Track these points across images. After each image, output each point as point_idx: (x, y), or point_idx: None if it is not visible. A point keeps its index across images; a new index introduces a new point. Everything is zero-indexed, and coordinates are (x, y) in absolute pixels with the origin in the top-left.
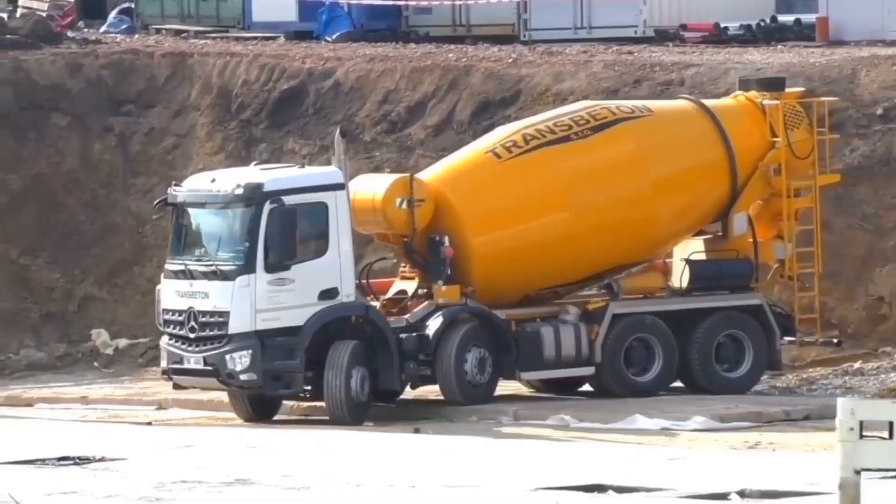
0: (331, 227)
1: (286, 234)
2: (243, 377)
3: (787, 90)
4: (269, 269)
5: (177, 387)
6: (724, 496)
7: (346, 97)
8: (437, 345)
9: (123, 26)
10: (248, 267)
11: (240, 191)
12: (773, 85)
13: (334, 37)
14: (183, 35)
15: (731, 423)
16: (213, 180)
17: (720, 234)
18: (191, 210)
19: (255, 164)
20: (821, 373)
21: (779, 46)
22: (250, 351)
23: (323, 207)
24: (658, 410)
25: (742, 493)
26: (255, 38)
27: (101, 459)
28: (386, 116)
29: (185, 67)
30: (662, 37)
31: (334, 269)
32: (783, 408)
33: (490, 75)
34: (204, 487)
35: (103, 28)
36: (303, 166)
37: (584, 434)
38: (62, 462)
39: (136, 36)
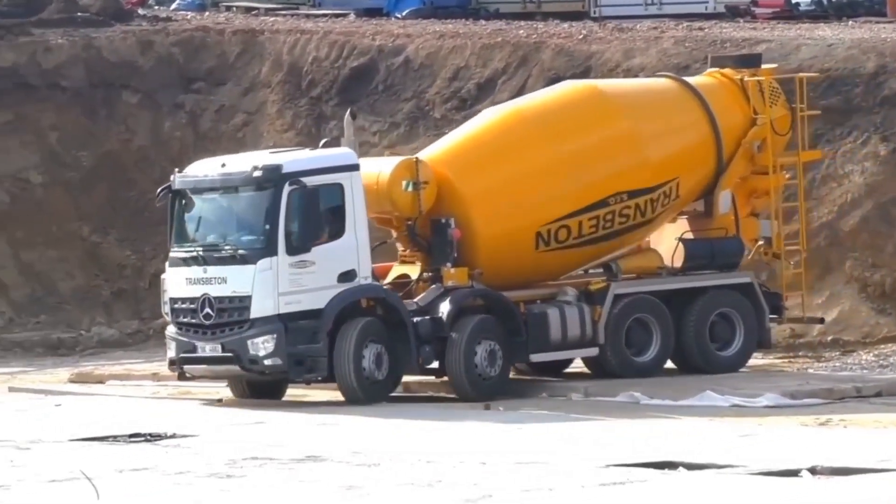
0: (347, 208)
1: (307, 215)
2: (267, 362)
3: (763, 66)
4: (291, 251)
5: (182, 377)
6: (795, 473)
7: (415, 74)
8: (450, 330)
9: (194, 3)
10: (269, 250)
11: (258, 173)
12: (750, 62)
13: (404, 13)
14: (253, 12)
15: (802, 400)
16: (223, 165)
17: (699, 211)
18: (203, 195)
19: (325, 141)
20: (892, 349)
21: (850, 22)
22: (275, 335)
23: (339, 189)
24: (729, 387)
25: (813, 471)
26: (326, 15)
27: (173, 436)
28: (456, 93)
29: (256, 45)
30: (733, 13)
31: (352, 250)
32: (854, 384)
33: (560, 52)
34: (275, 464)
35: (174, 5)
36: (313, 149)
37: (654, 411)
38: (133, 439)
39: (207, 13)
